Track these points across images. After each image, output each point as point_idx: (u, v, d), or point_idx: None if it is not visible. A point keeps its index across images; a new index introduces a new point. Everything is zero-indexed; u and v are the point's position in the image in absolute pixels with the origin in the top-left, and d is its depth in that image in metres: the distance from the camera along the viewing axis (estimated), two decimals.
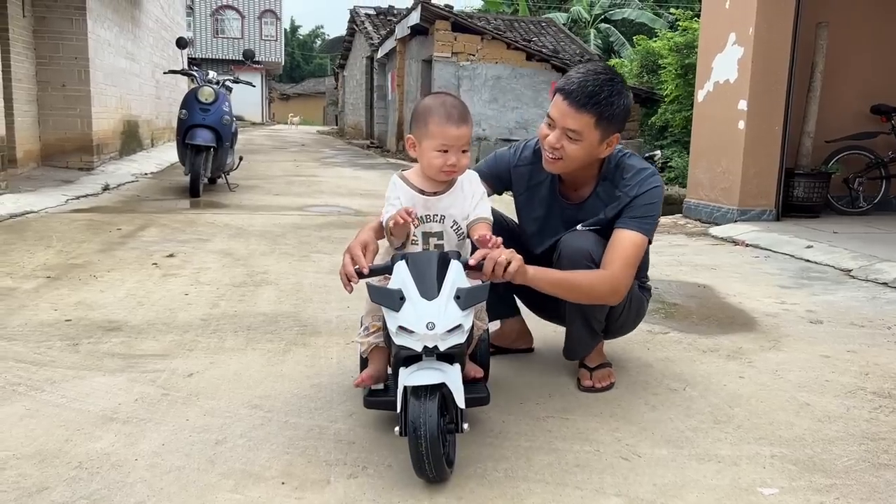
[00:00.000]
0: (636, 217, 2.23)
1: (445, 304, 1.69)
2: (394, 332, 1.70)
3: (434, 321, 1.66)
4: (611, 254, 2.18)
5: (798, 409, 2.33)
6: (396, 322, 1.69)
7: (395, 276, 1.78)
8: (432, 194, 2.02)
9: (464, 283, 1.77)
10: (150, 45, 12.19)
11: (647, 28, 24.88)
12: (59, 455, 1.87)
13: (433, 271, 1.75)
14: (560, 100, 2.12)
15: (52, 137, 8.49)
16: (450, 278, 1.74)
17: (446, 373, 1.70)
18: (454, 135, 1.94)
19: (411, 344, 1.67)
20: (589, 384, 2.42)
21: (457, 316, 1.69)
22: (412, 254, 1.83)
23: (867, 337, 3.14)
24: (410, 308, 1.69)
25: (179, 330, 2.97)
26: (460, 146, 1.96)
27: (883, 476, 1.88)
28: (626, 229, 2.20)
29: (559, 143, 2.14)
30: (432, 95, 2.05)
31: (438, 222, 2.03)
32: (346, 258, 1.93)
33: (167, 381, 2.40)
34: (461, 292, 1.72)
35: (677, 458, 1.96)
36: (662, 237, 6.04)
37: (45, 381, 2.36)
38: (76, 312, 3.15)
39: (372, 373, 2.05)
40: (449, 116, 1.94)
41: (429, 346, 1.66)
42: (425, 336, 1.65)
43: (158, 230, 5.32)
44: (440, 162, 1.95)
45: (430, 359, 1.71)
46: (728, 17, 6.49)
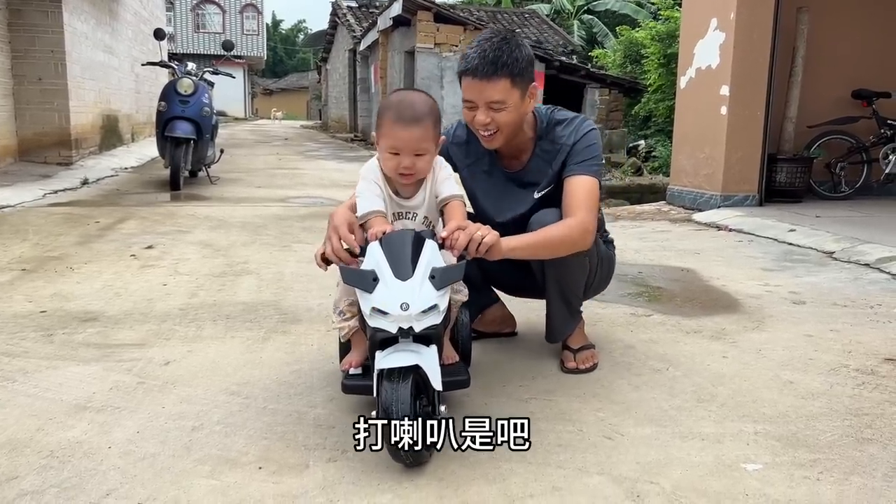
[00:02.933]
0: (580, 162, 2.23)
1: (420, 284, 1.65)
2: (368, 314, 1.66)
3: (408, 301, 1.62)
4: (569, 202, 2.18)
5: (781, 386, 2.31)
6: (370, 304, 1.65)
7: (369, 257, 1.73)
8: (407, 197, 2.02)
9: (439, 262, 1.73)
10: (129, 39, 12.04)
11: (630, 18, 24.87)
12: (29, 444, 1.82)
13: (407, 251, 1.71)
14: (470, 80, 2.11)
15: (30, 132, 8.34)
16: (424, 258, 1.70)
17: (421, 354, 1.67)
18: (403, 137, 1.88)
19: (386, 326, 1.63)
20: (573, 365, 2.41)
21: (432, 296, 1.65)
22: (386, 234, 1.77)
23: (850, 316, 3.14)
24: (384, 289, 1.65)
25: (157, 319, 2.92)
26: (412, 149, 1.89)
27: (866, 450, 1.87)
28: (575, 175, 2.21)
29: (488, 118, 2.13)
30: (398, 92, 2.01)
31: (411, 219, 2.02)
32: (334, 238, 1.86)
33: (143, 370, 2.35)
34: (436, 272, 1.68)
35: (661, 436, 1.94)
36: (646, 223, 6.04)
37: (18, 372, 2.31)
38: (51, 304, 3.10)
39: (357, 356, 2.01)
40: (399, 117, 1.88)
41: (404, 327, 1.62)
42: (400, 317, 1.62)
43: (137, 223, 5.24)
44: (393, 164, 1.91)
45: (406, 341, 1.67)
46: (709, 3, 6.48)
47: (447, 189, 2.01)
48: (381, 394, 1.65)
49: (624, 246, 4.80)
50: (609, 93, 15.34)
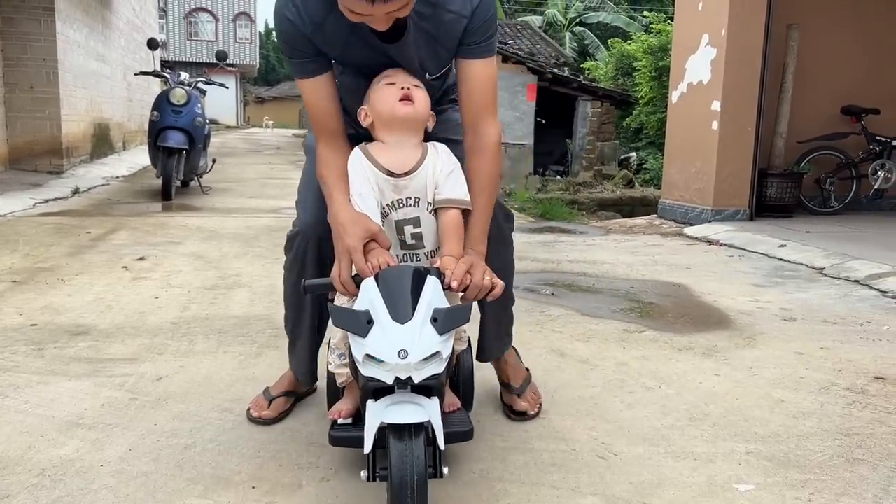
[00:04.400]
0: (482, 41, 1.76)
1: (420, 328, 1.45)
2: (360, 362, 1.46)
3: (407, 348, 1.42)
4: (477, 100, 1.79)
5: (773, 405, 2.33)
6: (363, 349, 1.45)
7: (363, 296, 1.53)
8: (403, 175, 1.71)
9: (441, 302, 1.52)
10: (122, 48, 12.03)
11: (622, 31, 25.08)
12: (20, 462, 1.81)
13: (406, 290, 1.51)
14: None
15: (20, 140, 8.32)
16: (425, 298, 1.49)
17: (426, 408, 1.48)
18: (397, 72, 1.76)
19: (380, 375, 1.44)
20: (525, 407, 2.15)
21: (434, 342, 1.45)
22: (382, 270, 1.56)
23: (840, 334, 3.16)
24: (379, 333, 1.45)
25: (149, 334, 2.91)
26: (407, 80, 1.73)
27: (857, 471, 1.88)
28: (477, 59, 1.77)
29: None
30: None
31: (413, 205, 1.74)
32: (344, 262, 1.61)
33: (135, 386, 2.34)
34: (439, 314, 1.48)
35: (653, 456, 1.95)
36: (638, 237, 6.06)
37: (8, 387, 2.30)
38: (42, 317, 3.08)
39: (348, 405, 1.80)
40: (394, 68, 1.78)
41: (401, 377, 1.43)
42: (397, 366, 1.42)
43: (129, 233, 5.23)
44: (391, 90, 1.70)
45: (404, 391, 1.48)
46: (701, 19, 6.54)
47: (451, 188, 1.73)
48: (390, 455, 1.46)
49: (616, 260, 4.83)
50: (601, 105, 15.43)
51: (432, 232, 1.76)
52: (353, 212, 1.66)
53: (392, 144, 1.74)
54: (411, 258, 1.78)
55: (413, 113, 1.72)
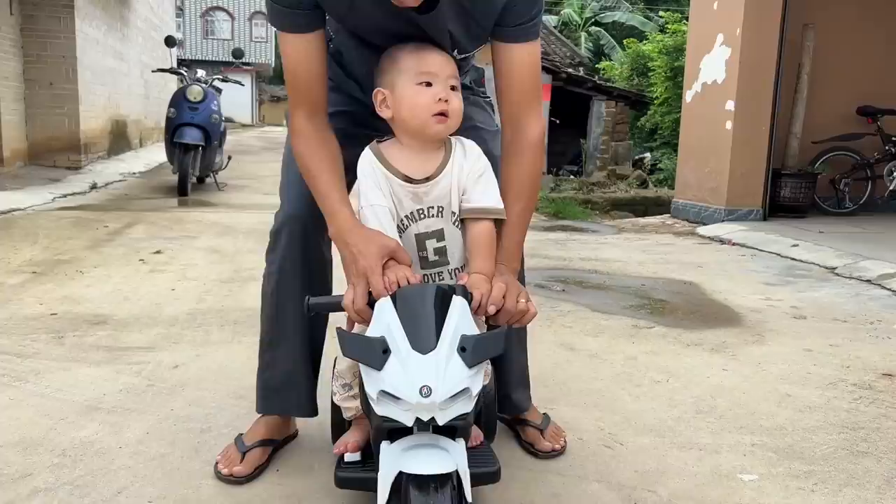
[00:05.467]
0: (525, 21, 1.51)
1: (446, 361, 1.22)
2: (374, 399, 1.24)
3: (430, 384, 1.19)
4: (514, 89, 1.56)
5: (779, 399, 2.35)
6: (378, 385, 1.23)
7: (378, 319, 1.30)
8: (423, 181, 1.46)
9: (470, 328, 1.29)
10: (140, 45, 12.15)
11: (638, 31, 25.01)
12: (42, 443, 1.87)
13: (429, 312, 1.27)
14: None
15: (40, 136, 8.44)
16: (451, 322, 1.26)
17: (452, 452, 1.26)
18: (435, 60, 1.44)
19: (399, 416, 1.22)
20: (548, 447, 1.89)
21: (462, 376, 1.22)
22: (400, 289, 1.33)
23: (849, 331, 3.17)
24: (398, 366, 1.22)
25: (165, 323, 2.96)
26: (446, 76, 1.44)
27: (861, 463, 1.90)
28: (519, 42, 1.53)
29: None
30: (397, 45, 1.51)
31: (436, 216, 1.49)
32: (360, 287, 1.37)
33: (153, 373, 2.40)
34: (467, 342, 1.24)
35: (659, 446, 1.98)
36: (650, 236, 6.08)
37: (30, 373, 2.36)
38: (62, 307, 3.15)
39: (356, 439, 1.58)
40: (419, 47, 1.46)
41: (423, 418, 1.21)
42: (418, 406, 1.19)
43: (146, 228, 5.30)
44: (426, 99, 1.41)
45: (425, 432, 1.27)
46: (716, 19, 6.54)
47: (482, 194, 1.48)
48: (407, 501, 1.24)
49: (628, 258, 4.85)
50: (615, 105, 15.39)
51: (458, 246, 1.51)
52: (364, 227, 1.42)
53: (412, 146, 1.48)
54: (434, 278, 1.52)
55: (446, 130, 1.46)
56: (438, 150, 1.49)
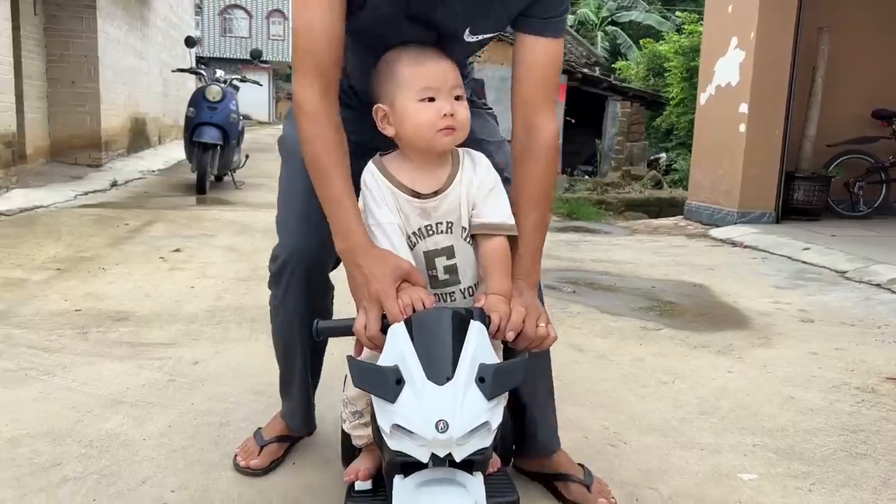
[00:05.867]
0: (555, 15, 1.47)
1: (464, 392, 1.14)
2: (387, 433, 1.16)
3: (447, 419, 1.11)
4: (531, 85, 1.48)
5: (783, 402, 2.40)
6: (391, 419, 1.15)
7: (391, 346, 1.22)
8: (431, 195, 1.39)
9: (488, 355, 1.21)
10: (159, 44, 12.30)
11: (655, 31, 24.92)
12: (70, 434, 1.96)
13: (445, 339, 1.20)
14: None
15: (62, 134, 8.59)
16: (468, 350, 1.19)
17: (469, 488, 1.19)
18: (436, 72, 1.35)
19: (413, 451, 1.14)
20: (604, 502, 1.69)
21: (480, 409, 1.14)
22: (415, 314, 1.25)
23: (856, 335, 3.21)
24: (412, 398, 1.14)
25: (185, 320, 3.05)
26: (449, 87, 1.35)
27: (859, 465, 1.96)
28: (544, 37, 1.46)
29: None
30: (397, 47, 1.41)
31: (446, 232, 1.41)
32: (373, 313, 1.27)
33: (174, 368, 2.48)
34: (486, 372, 1.16)
35: (662, 445, 2.04)
36: (662, 238, 6.12)
37: (57, 367, 2.46)
38: (85, 303, 3.24)
39: (367, 466, 1.52)
40: (419, 54, 1.37)
41: (439, 454, 1.12)
42: (434, 441, 1.11)
43: (165, 226, 5.41)
44: (430, 116, 1.33)
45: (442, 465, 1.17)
46: (730, 21, 6.56)
47: (492, 209, 1.40)
48: None
49: (639, 260, 4.90)
50: (631, 105, 15.40)
51: (469, 264, 1.43)
52: (376, 247, 1.33)
53: (418, 160, 1.41)
54: (445, 298, 1.43)
55: (454, 142, 1.39)
56: (445, 162, 1.41)
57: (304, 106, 1.36)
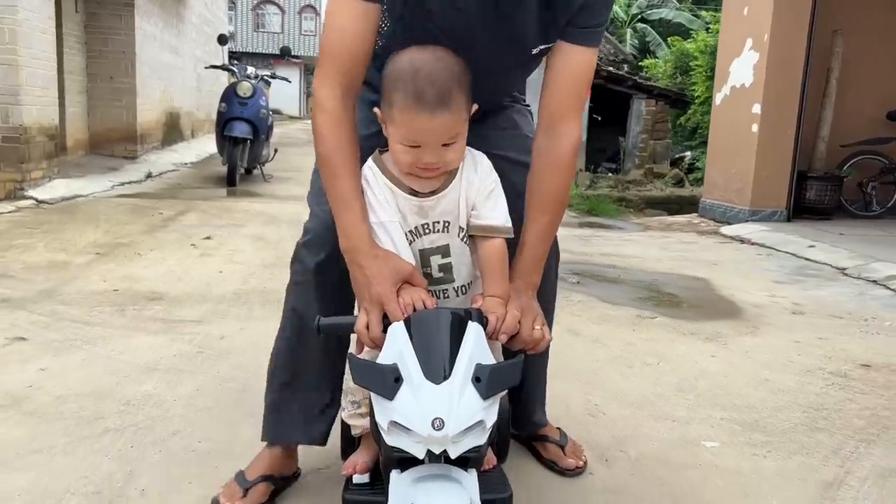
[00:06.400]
0: (594, 25, 1.47)
1: (460, 391, 1.19)
2: (385, 429, 1.20)
3: (443, 417, 1.16)
4: (560, 91, 1.49)
5: (757, 383, 2.60)
6: (389, 416, 1.19)
7: (390, 345, 1.27)
8: (429, 194, 1.41)
9: (485, 356, 1.25)
10: (193, 40, 12.67)
11: (685, 28, 24.85)
12: (111, 394, 2.23)
13: (443, 339, 1.24)
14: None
15: (100, 127, 8.96)
16: (466, 350, 1.23)
17: (464, 484, 1.23)
18: (426, 128, 1.30)
19: (409, 447, 1.18)
20: (572, 464, 1.89)
21: (476, 408, 1.19)
22: (414, 314, 1.30)
23: (842, 327, 3.38)
24: (409, 397, 1.19)
25: (214, 301, 3.32)
26: (438, 140, 1.32)
27: (815, 437, 2.16)
28: (581, 45, 1.47)
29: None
30: (411, 54, 1.34)
31: (442, 231, 1.43)
32: (374, 315, 1.32)
33: (202, 342, 2.75)
34: (482, 372, 1.20)
35: (637, 417, 2.26)
36: (674, 234, 6.29)
37: (98, 338, 2.74)
38: (123, 284, 3.53)
39: (365, 459, 1.52)
40: (419, 98, 1.28)
41: (434, 451, 1.17)
42: (430, 438, 1.16)
43: (197, 215, 5.71)
44: (408, 160, 1.34)
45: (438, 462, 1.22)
46: (745, 23, 6.70)
47: (491, 212, 1.42)
48: None
49: (646, 254, 5.09)
50: (655, 103, 15.47)
51: (464, 262, 1.46)
52: (378, 248, 1.36)
53: None
54: (439, 294, 1.46)
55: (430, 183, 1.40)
56: None
57: (323, 105, 1.40)
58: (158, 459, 1.86)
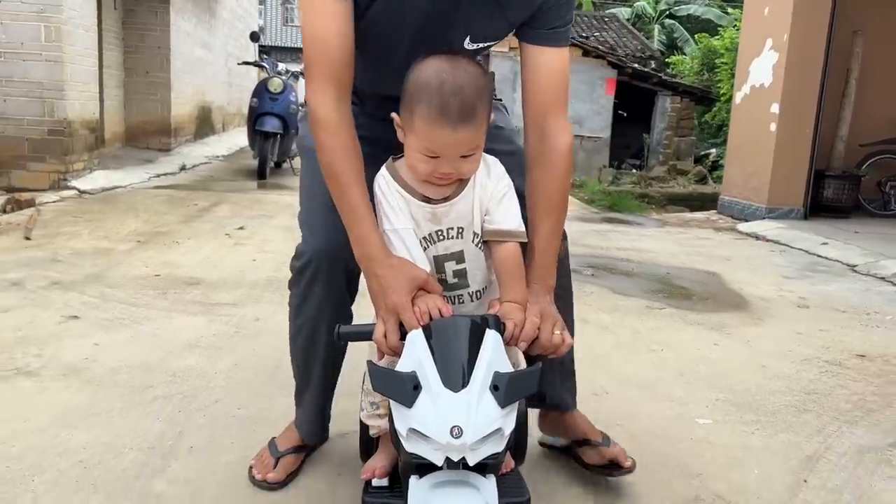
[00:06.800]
0: (560, 25, 1.51)
1: (478, 399, 1.20)
2: (404, 436, 1.22)
3: (461, 425, 1.17)
4: (541, 94, 1.52)
5: (755, 369, 2.77)
6: (408, 423, 1.21)
7: (408, 353, 1.29)
8: (441, 200, 1.42)
9: (503, 364, 1.27)
10: (224, 35, 12.97)
11: (714, 25, 24.75)
12: (158, 367, 2.47)
13: (461, 347, 1.26)
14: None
15: (135, 120, 9.28)
16: (484, 358, 1.24)
17: (481, 490, 1.25)
18: (447, 141, 1.31)
19: (428, 454, 1.20)
20: (628, 462, 1.84)
21: (494, 416, 1.20)
22: (433, 322, 1.31)
23: (844, 320, 3.53)
24: (428, 404, 1.20)
25: (248, 286, 3.55)
26: (457, 153, 1.34)
27: (802, 418, 2.33)
28: (550, 46, 1.50)
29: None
30: (435, 63, 1.34)
31: (456, 237, 1.44)
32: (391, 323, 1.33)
33: (238, 323, 2.98)
34: (500, 380, 1.22)
35: (639, 397, 2.45)
36: (690, 231, 6.43)
37: (143, 318, 2.98)
38: (163, 269, 3.78)
39: (384, 463, 1.54)
40: (443, 111, 1.29)
41: (453, 458, 1.18)
42: (449, 446, 1.17)
43: (230, 207, 5.97)
44: (425, 169, 1.36)
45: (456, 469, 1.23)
46: (766, 24, 6.81)
47: (504, 216, 1.43)
48: None
49: (661, 249, 5.25)
50: (680, 101, 15.53)
51: (478, 268, 1.48)
52: (392, 257, 1.37)
53: None
54: (454, 300, 1.48)
55: (446, 189, 1.43)
56: None
57: (319, 115, 1.40)
58: (203, 423, 2.09)
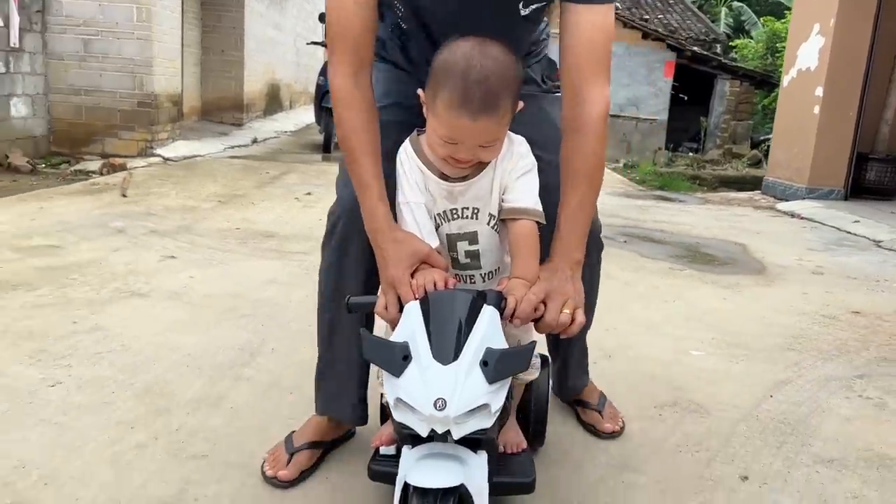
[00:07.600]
0: None
1: (466, 374, 1.20)
2: (392, 405, 1.24)
3: (445, 397, 1.17)
4: (576, 56, 1.42)
5: (755, 320, 3.14)
6: (396, 392, 1.22)
7: (404, 323, 1.29)
8: (459, 179, 1.41)
9: (497, 340, 1.27)
10: (294, 16, 13.57)
11: (783, 7, 24.29)
12: (243, 295, 2.99)
13: (455, 321, 1.25)
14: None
15: (211, 96, 9.95)
16: (477, 334, 1.24)
17: (466, 465, 1.26)
18: (466, 129, 1.28)
19: (413, 424, 1.21)
20: (610, 428, 1.97)
21: (480, 391, 1.20)
22: (431, 294, 1.31)
23: (853, 285, 3.85)
24: (416, 375, 1.21)
25: (315, 240, 3.98)
26: (476, 142, 1.31)
27: (785, 355, 2.71)
28: (590, 4, 1.40)
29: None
30: (465, 46, 1.30)
31: (471, 217, 1.43)
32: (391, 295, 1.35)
33: (308, 266, 3.49)
34: (490, 356, 1.22)
35: (643, 333, 2.86)
36: (730, 208, 6.72)
37: (229, 260, 3.52)
38: (243, 224, 4.33)
39: (392, 432, 1.48)
40: (465, 98, 1.26)
41: (438, 430, 1.19)
42: (432, 417, 1.18)
43: (298, 175, 6.52)
44: (443, 153, 1.35)
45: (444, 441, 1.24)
46: (814, 8, 6.99)
47: (521, 194, 1.40)
48: None
49: (696, 223, 5.58)
50: (740, 84, 15.53)
51: (491, 249, 1.47)
52: (397, 230, 1.38)
53: None
54: (465, 280, 1.49)
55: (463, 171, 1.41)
56: None
57: (336, 88, 1.42)
58: (281, 335, 2.60)
